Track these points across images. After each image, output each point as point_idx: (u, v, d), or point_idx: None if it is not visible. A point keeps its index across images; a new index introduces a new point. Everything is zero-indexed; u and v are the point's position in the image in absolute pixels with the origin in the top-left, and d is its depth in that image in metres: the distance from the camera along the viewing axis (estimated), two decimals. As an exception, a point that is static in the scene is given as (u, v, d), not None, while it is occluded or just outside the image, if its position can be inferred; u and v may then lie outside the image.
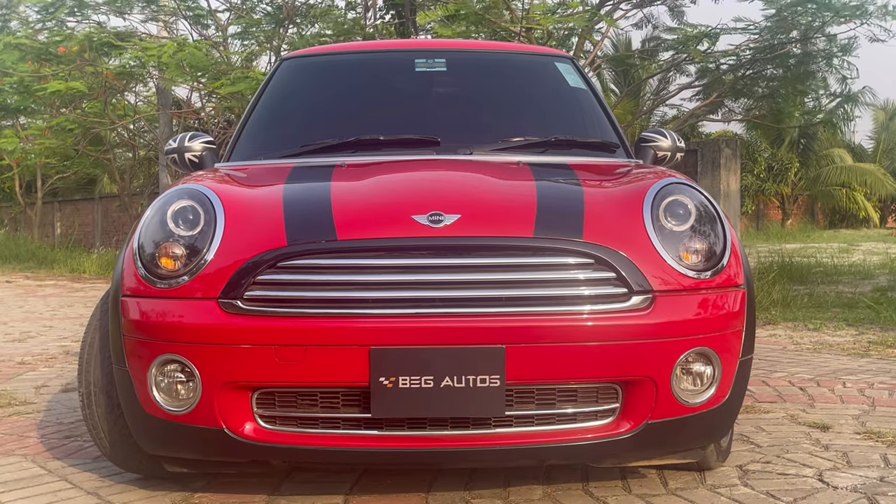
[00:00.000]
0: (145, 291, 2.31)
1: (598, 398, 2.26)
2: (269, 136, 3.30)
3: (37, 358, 5.03)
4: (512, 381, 2.16)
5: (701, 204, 2.44)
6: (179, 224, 2.35)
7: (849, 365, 4.53)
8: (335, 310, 2.17)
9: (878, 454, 2.87)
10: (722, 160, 8.07)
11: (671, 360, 2.24)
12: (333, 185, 2.55)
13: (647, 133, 3.35)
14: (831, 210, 26.71)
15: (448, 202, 2.32)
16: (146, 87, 13.99)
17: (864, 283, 8.45)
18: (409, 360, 2.14)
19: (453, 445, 2.22)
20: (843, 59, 9.84)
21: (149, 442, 2.40)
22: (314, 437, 2.23)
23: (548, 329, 2.16)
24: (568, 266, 2.23)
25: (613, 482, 2.60)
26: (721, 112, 11.34)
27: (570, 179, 2.72)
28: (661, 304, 2.24)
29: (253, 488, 2.56)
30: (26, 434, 3.24)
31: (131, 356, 2.32)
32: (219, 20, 12.09)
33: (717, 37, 9.47)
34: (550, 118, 3.43)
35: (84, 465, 2.83)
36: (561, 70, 3.56)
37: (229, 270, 2.22)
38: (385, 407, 2.16)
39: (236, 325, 2.18)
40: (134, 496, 2.52)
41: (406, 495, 2.49)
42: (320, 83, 3.54)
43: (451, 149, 2.97)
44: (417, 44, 4.50)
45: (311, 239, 2.24)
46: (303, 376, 2.17)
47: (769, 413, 3.46)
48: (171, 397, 2.27)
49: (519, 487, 2.55)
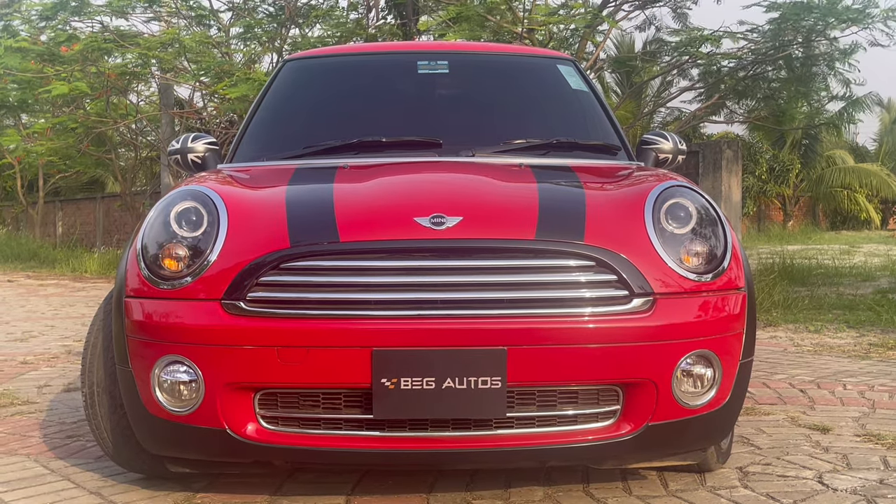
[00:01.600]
0: (148, 292, 2.32)
1: (598, 400, 2.27)
2: (272, 138, 3.31)
3: (39, 357, 5.04)
4: (513, 382, 2.17)
5: (702, 207, 2.45)
6: (183, 225, 2.36)
7: (849, 367, 4.54)
8: (338, 311, 2.18)
9: (877, 456, 2.88)
10: (723, 162, 8.08)
11: (672, 362, 2.25)
12: (336, 187, 2.56)
13: (648, 135, 3.36)
14: (833, 211, 26.69)
15: (450, 204, 2.33)
16: (148, 87, 14.00)
17: (865, 285, 8.45)
18: (411, 362, 2.15)
19: (455, 447, 2.23)
20: (846, 62, 9.84)
21: (151, 442, 2.41)
22: (316, 438, 2.24)
23: (549, 331, 2.17)
24: (569, 268, 2.24)
25: (614, 483, 2.61)
26: (723, 113, 11.35)
27: (572, 182, 2.73)
28: (661, 306, 2.25)
29: (255, 488, 2.57)
30: (29, 434, 3.25)
31: (134, 356, 2.33)
32: (221, 20, 12.10)
33: (720, 39, 9.48)
34: (552, 120, 3.44)
35: (87, 465, 2.84)
36: (563, 72, 3.56)
37: (232, 271, 2.23)
38: (387, 408, 2.17)
39: (239, 326, 2.19)
40: (136, 496, 2.53)
41: (407, 496, 2.50)
42: (323, 85, 3.55)
43: (453, 151, 2.98)
44: (420, 46, 4.52)
45: (313, 240, 2.25)
46: (305, 377, 2.18)
47: (769, 415, 3.46)
48: (174, 398, 2.28)
49: (520, 488, 2.56)
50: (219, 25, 12.13)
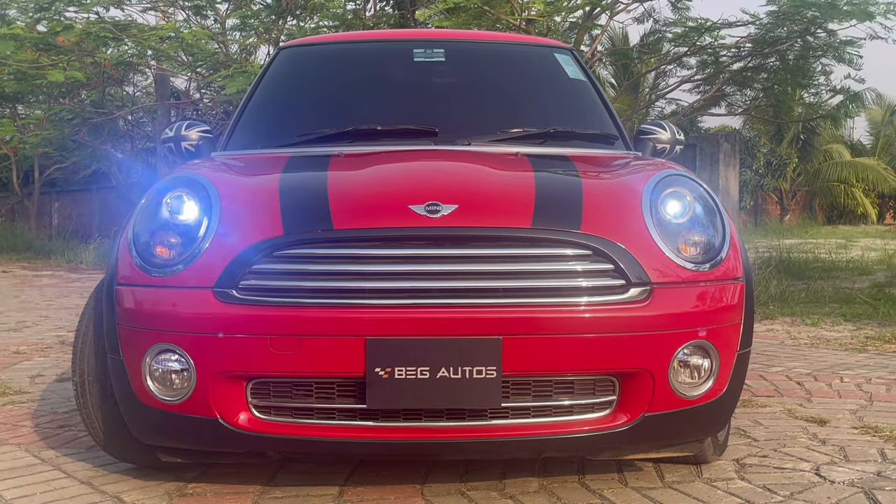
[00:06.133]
0: (140, 280, 2.29)
1: (594, 390, 2.25)
2: (266, 126, 3.28)
3: (32, 347, 5.01)
4: (508, 372, 2.15)
5: (700, 196, 2.43)
6: (175, 212, 2.34)
7: (846, 360, 4.52)
8: (331, 300, 2.15)
9: (875, 449, 2.87)
10: (721, 155, 8.05)
11: (669, 352, 2.23)
12: (330, 175, 2.54)
13: (646, 125, 3.34)
14: (830, 206, 26.68)
15: (445, 192, 2.31)
16: (144, 78, 13.95)
17: (861, 279, 8.45)
18: (405, 351, 2.12)
19: (449, 437, 2.21)
20: (846, 53, 9.81)
21: (143, 431, 2.38)
22: (309, 428, 2.22)
23: (545, 320, 2.15)
24: (566, 257, 2.21)
25: (610, 475, 2.59)
26: (723, 105, 11.32)
27: (569, 171, 2.71)
28: (658, 296, 2.22)
29: (247, 479, 2.54)
30: (20, 423, 3.23)
31: (125, 345, 2.30)
32: (218, 11, 12.05)
33: (719, 30, 9.45)
34: (549, 109, 3.42)
35: (78, 455, 2.81)
36: (560, 61, 3.54)
37: (225, 259, 2.21)
38: (381, 398, 2.15)
39: (231, 315, 2.16)
40: (128, 486, 2.51)
41: (401, 487, 2.48)
42: (318, 72, 3.52)
43: (449, 139, 2.95)
44: (416, 34, 4.48)
45: (307, 228, 2.23)
46: (298, 366, 2.15)
47: (766, 407, 3.45)
48: (166, 386, 2.26)
49: (515, 479, 2.54)
50: (216, 16, 12.08)
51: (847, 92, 11.56)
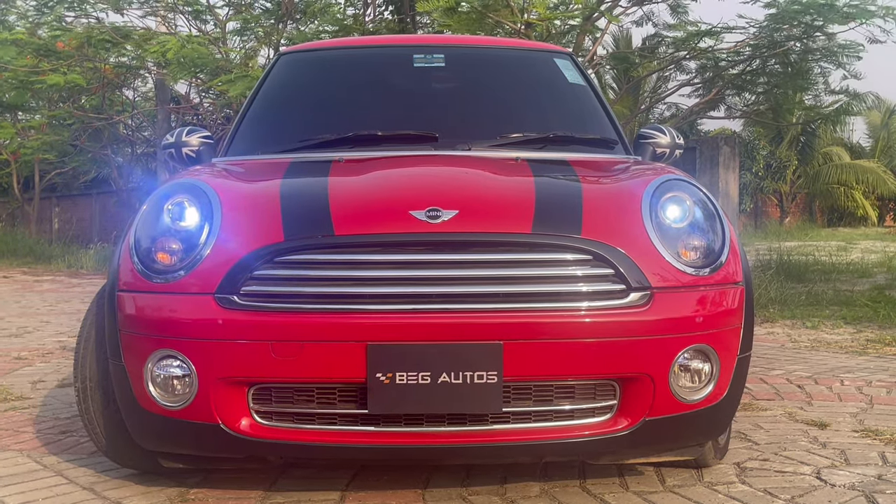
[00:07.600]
0: (141, 286, 2.30)
1: (595, 395, 2.26)
2: (267, 131, 3.29)
3: (33, 353, 5.02)
4: (509, 377, 2.15)
5: (700, 200, 2.44)
6: (176, 218, 2.34)
7: (847, 363, 4.52)
8: (332, 305, 2.16)
9: (875, 452, 2.87)
10: (721, 158, 8.06)
11: (669, 356, 2.23)
12: (331, 181, 2.54)
13: (645, 129, 3.34)
14: (829, 208, 26.68)
15: (446, 198, 2.31)
16: (144, 84, 13.97)
17: (861, 282, 8.45)
18: (406, 356, 2.13)
19: (450, 442, 2.21)
20: (845, 55, 9.81)
21: (144, 437, 2.39)
22: (310, 433, 2.22)
23: (545, 325, 2.16)
24: (566, 262, 2.22)
25: (611, 479, 2.59)
26: (722, 108, 11.32)
27: (569, 175, 2.71)
28: (659, 300, 2.23)
29: (249, 484, 2.55)
30: (22, 429, 3.23)
31: (127, 351, 2.31)
32: (217, 16, 12.06)
33: (719, 34, 9.45)
34: (549, 114, 3.42)
35: (80, 461, 2.82)
36: (560, 66, 3.55)
37: (226, 265, 2.21)
38: (382, 403, 2.16)
39: (232, 320, 2.16)
40: (129, 492, 2.51)
41: (403, 492, 2.49)
42: (318, 78, 3.53)
43: (449, 144, 2.96)
44: (416, 39, 4.49)
45: (308, 234, 2.23)
46: (299, 372, 2.16)
47: (767, 411, 3.45)
48: (167, 392, 2.26)
49: (516, 484, 2.54)
50: (215, 21, 12.09)
51: (848, 92, 11.56)
